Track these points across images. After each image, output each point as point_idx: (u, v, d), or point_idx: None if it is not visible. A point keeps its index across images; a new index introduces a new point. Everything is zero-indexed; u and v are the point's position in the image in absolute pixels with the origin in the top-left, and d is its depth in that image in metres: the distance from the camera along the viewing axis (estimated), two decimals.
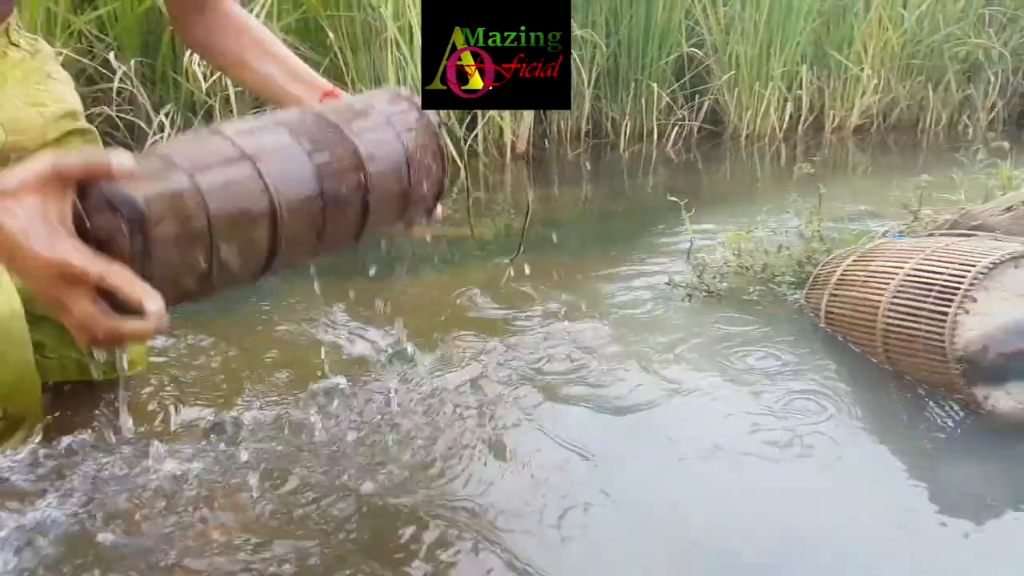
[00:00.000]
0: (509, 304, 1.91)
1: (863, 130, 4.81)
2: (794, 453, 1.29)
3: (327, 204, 0.74)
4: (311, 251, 0.78)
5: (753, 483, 1.21)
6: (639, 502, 1.15)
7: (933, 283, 1.41)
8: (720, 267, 2.03)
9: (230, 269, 0.69)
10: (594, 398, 1.44)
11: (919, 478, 1.22)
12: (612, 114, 4.43)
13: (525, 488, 1.16)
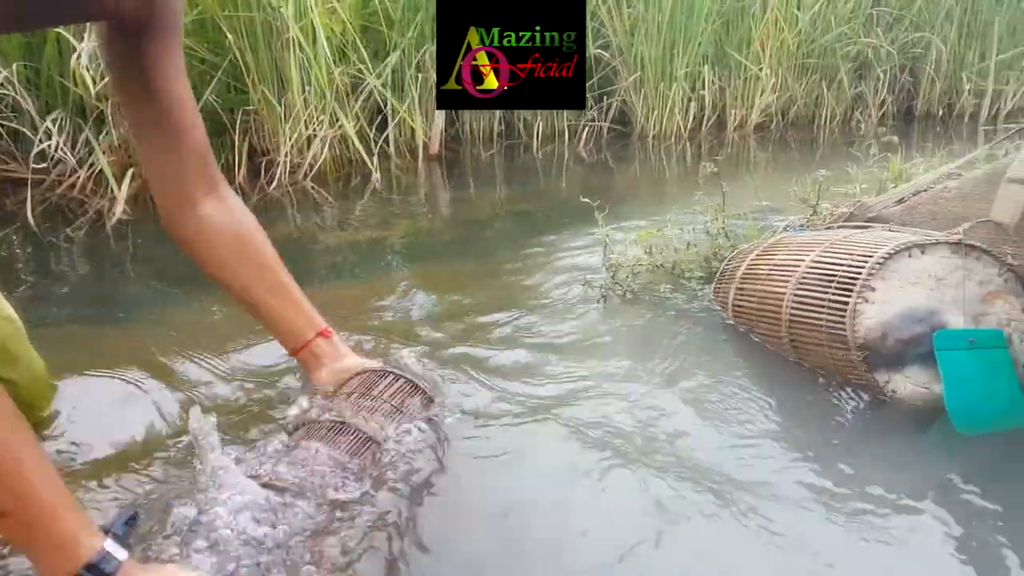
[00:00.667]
0: (424, 308, 1.89)
1: (763, 128, 4.99)
2: (704, 443, 1.32)
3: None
4: None
5: (666, 470, 1.24)
6: (560, 500, 1.16)
7: (833, 274, 1.47)
8: (633, 266, 2.07)
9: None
10: (513, 398, 1.44)
11: (826, 462, 1.27)
12: (524, 115, 4.46)
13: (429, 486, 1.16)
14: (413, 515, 1.09)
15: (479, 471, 1.22)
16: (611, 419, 1.38)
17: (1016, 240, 1.47)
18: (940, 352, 1.37)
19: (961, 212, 1.59)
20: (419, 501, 1.12)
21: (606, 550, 1.05)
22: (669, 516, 1.12)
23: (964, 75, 5.45)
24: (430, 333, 1.74)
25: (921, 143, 4.54)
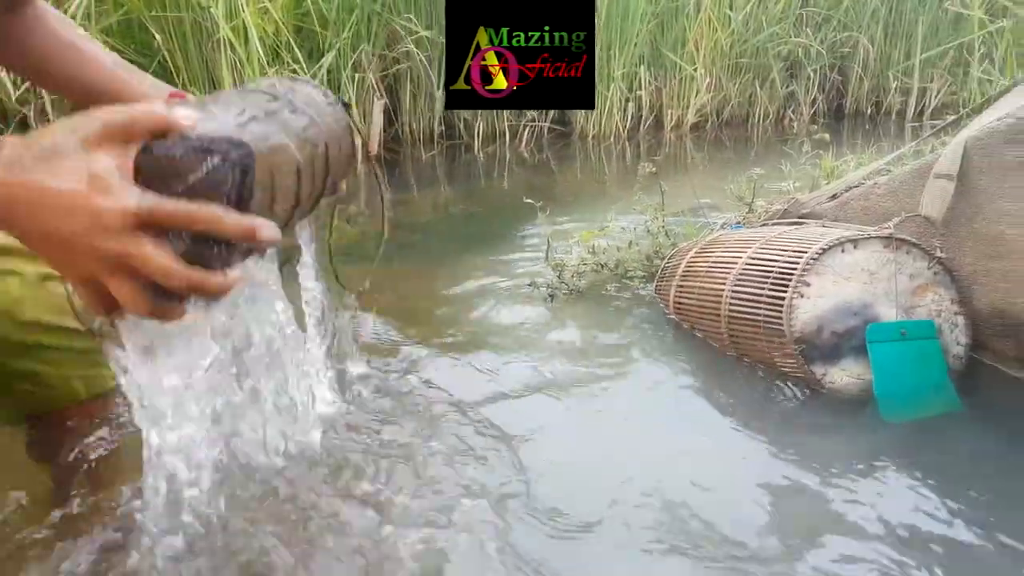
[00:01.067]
0: (368, 311, 1.87)
1: (699, 127, 5.08)
2: (646, 438, 1.34)
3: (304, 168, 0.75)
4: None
5: (614, 460, 1.25)
6: (496, 500, 1.16)
7: (770, 270, 1.50)
8: (577, 265, 2.08)
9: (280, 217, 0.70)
10: (458, 400, 1.44)
11: (767, 454, 1.29)
12: (464, 115, 4.45)
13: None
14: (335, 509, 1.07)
15: (413, 474, 1.21)
16: (555, 416, 1.39)
17: (944, 233, 1.52)
18: (872, 344, 1.41)
19: (891, 207, 1.64)
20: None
21: (553, 548, 1.05)
22: (610, 505, 1.14)
23: (891, 73, 5.63)
24: (371, 337, 1.72)
25: (851, 140, 4.68)
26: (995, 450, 1.30)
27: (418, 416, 1.37)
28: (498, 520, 1.10)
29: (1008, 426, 1.36)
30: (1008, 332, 1.47)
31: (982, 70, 5.07)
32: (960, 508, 1.13)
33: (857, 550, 1.05)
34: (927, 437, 1.34)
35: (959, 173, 1.49)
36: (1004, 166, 1.43)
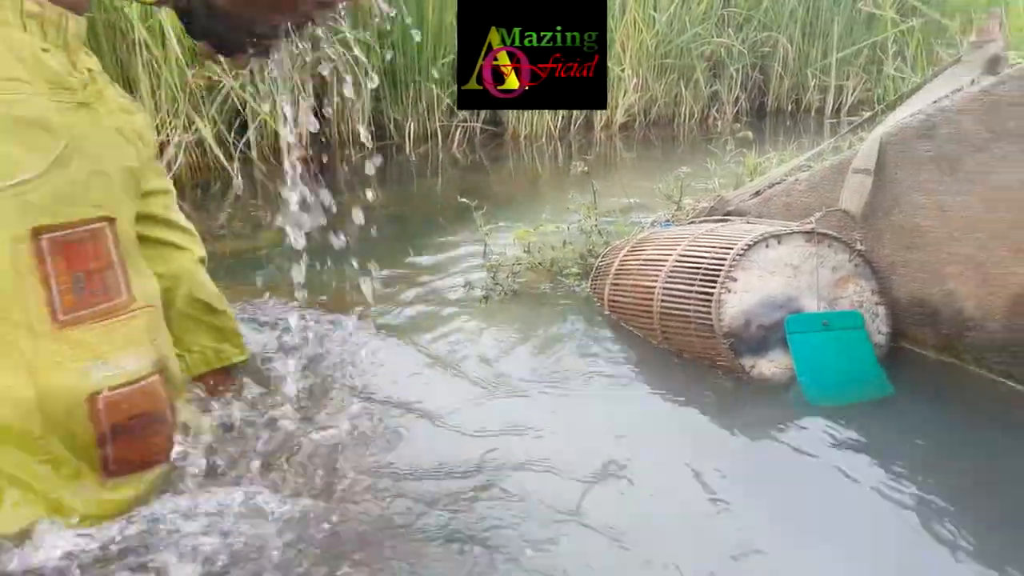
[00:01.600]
0: (300, 316, 1.84)
1: (628, 127, 5.15)
2: (582, 432, 1.36)
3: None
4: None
5: (552, 458, 1.26)
6: (433, 500, 1.15)
7: (699, 267, 1.54)
8: (513, 265, 2.09)
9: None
10: (393, 400, 1.43)
11: (698, 444, 1.32)
12: (395, 116, 4.42)
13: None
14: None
15: (349, 478, 1.20)
16: (488, 414, 1.40)
17: (863, 227, 1.58)
18: (792, 335, 1.46)
19: (812, 202, 1.70)
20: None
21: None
22: (543, 498, 1.15)
23: (809, 72, 5.81)
24: (304, 342, 1.69)
25: (773, 138, 4.81)
26: (922, 430, 1.35)
27: (343, 417, 1.36)
28: (419, 512, 1.10)
29: (934, 406, 1.42)
30: (926, 320, 1.53)
31: (895, 68, 5.28)
32: (885, 487, 1.18)
33: (783, 533, 1.09)
34: (853, 423, 1.39)
35: (876, 168, 1.55)
36: (917, 160, 1.49)
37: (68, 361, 0.96)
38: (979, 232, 1.41)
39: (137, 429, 1.02)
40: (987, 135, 1.37)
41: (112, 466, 1.02)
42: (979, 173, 1.39)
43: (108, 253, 1.03)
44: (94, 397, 0.98)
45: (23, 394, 0.94)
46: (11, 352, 0.94)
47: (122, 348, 1.01)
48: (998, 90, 1.35)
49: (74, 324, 0.97)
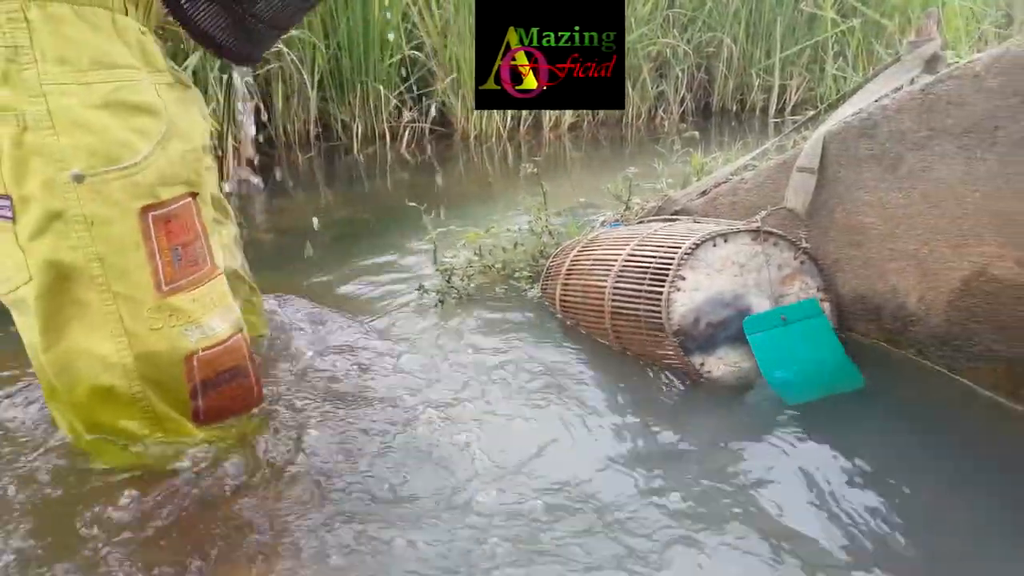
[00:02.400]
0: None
1: (576, 127, 5.17)
2: (536, 433, 1.35)
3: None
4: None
5: (505, 458, 1.26)
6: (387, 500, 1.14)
7: (647, 267, 1.54)
8: (466, 268, 2.07)
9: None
10: (345, 405, 1.40)
11: (650, 444, 1.32)
12: (341, 116, 4.36)
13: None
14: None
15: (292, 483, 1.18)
16: (444, 416, 1.39)
17: (808, 224, 1.60)
18: (751, 336, 1.47)
19: (757, 201, 1.72)
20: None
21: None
22: (498, 491, 1.15)
23: (753, 72, 5.91)
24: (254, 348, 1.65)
25: (719, 137, 4.88)
26: (883, 426, 1.37)
27: (302, 420, 1.34)
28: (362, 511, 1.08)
29: (896, 399, 1.44)
30: (870, 316, 1.56)
31: (836, 67, 5.40)
32: (825, 490, 1.19)
33: (738, 532, 1.09)
34: (802, 421, 1.40)
35: (820, 166, 1.57)
36: (859, 158, 1.52)
37: (167, 327, 1.08)
38: (920, 228, 1.43)
39: (223, 383, 1.17)
40: (926, 133, 1.40)
41: (203, 416, 1.16)
42: (919, 170, 1.42)
43: (195, 225, 1.13)
44: (190, 357, 1.11)
45: (123, 360, 1.07)
46: (110, 321, 1.06)
47: (211, 311, 1.13)
48: (936, 89, 1.37)
49: (174, 293, 1.09)
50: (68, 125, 0.99)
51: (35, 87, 0.98)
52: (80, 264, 1.03)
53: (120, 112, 1.03)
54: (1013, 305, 1.30)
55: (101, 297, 1.05)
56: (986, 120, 1.30)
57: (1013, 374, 1.33)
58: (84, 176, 1.00)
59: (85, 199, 1.01)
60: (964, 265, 1.37)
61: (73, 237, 1.02)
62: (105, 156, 1.01)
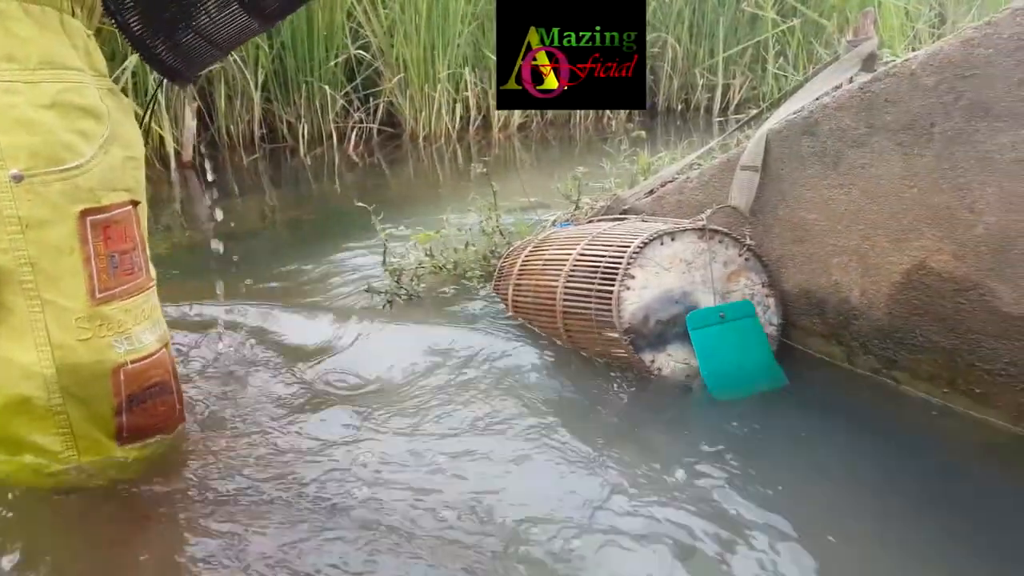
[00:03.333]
0: (195, 328, 1.75)
1: (525, 127, 5.18)
2: (489, 434, 1.35)
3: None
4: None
5: (456, 463, 1.25)
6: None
7: (597, 266, 1.55)
8: (416, 269, 2.05)
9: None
10: (285, 418, 1.38)
11: (604, 444, 1.33)
12: (287, 117, 4.29)
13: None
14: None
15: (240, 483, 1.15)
16: (396, 416, 1.37)
17: (752, 222, 1.62)
18: (693, 331, 1.49)
19: (703, 199, 1.74)
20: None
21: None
22: (447, 494, 1.14)
23: (697, 71, 6.00)
24: (200, 351, 1.61)
25: (665, 136, 4.94)
26: (806, 425, 1.40)
27: (231, 435, 1.31)
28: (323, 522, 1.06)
29: (820, 401, 1.47)
30: (814, 310, 1.59)
31: (777, 66, 5.51)
32: (773, 484, 1.21)
33: (682, 530, 1.10)
34: (747, 417, 1.42)
35: (763, 164, 1.60)
36: (801, 156, 1.55)
37: (96, 337, 1.04)
38: (861, 224, 1.47)
39: (148, 398, 1.12)
40: (865, 130, 1.43)
41: (126, 433, 1.11)
42: (859, 167, 1.45)
43: (134, 234, 1.10)
44: (117, 370, 1.07)
45: (44, 370, 1.02)
46: (36, 329, 1.01)
47: (141, 323, 1.10)
48: (875, 87, 1.41)
49: (106, 301, 1.05)
50: (11, 124, 0.96)
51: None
52: (10, 267, 0.99)
53: (66, 113, 1.00)
54: (951, 297, 1.34)
55: (29, 303, 1.00)
56: (922, 117, 1.34)
57: (952, 365, 1.37)
58: (23, 177, 0.97)
59: (21, 200, 0.97)
60: (904, 259, 1.41)
61: (5, 239, 0.98)
62: (47, 157, 0.98)
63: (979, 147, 1.27)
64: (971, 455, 1.29)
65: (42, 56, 0.99)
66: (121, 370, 1.07)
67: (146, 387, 1.11)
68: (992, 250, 1.27)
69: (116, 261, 1.06)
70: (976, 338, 1.32)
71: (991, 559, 1.06)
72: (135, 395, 1.10)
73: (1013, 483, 1.22)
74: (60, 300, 1.02)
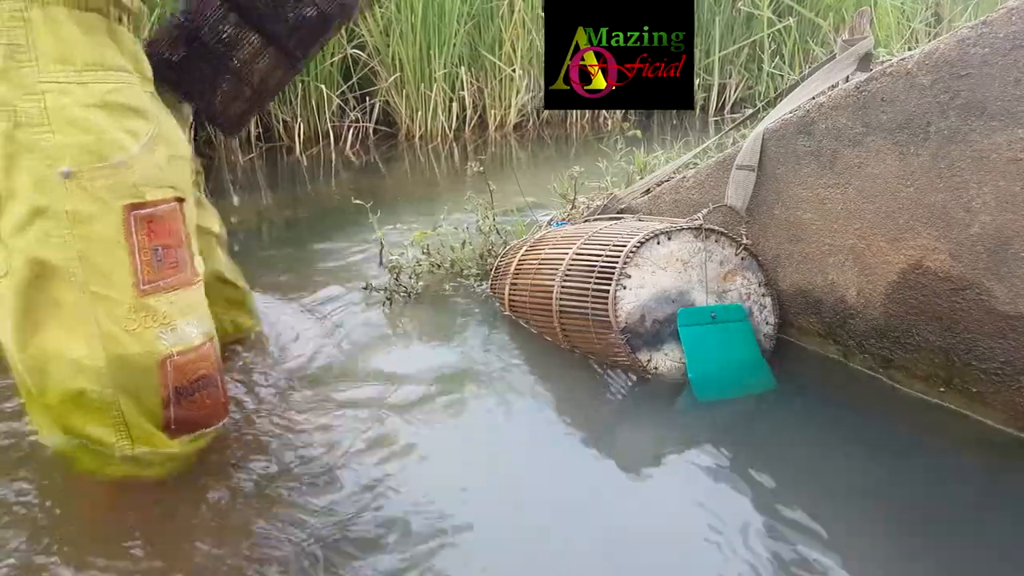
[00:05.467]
0: None
1: (521, 127, 5.17)
2: (485, 433, 1.36)
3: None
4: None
5: (450, 461, 1.25)
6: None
7: (594, 265, 1.55)
8: (414, 267, 2.05)
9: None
10: (308, 414, 1.38)
11: (599, 442, 1.33)
12: (283, 116, 4.28)
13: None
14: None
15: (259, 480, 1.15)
16: (397, 413, 1.37)
17: (748, 221, 1.62)
18: (683, 328, 1.49)
19: (699, 199, 1.74)
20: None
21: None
22: (454, 490, 1.14)
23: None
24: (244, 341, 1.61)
25: (660, 136, 4.93)
26: (802, 424, 1.40)
27: (266, 431, 1.31)
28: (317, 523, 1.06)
29: (814, 403, 1.48)
30: (810, 309, 1.59)
31: (773, 66, 5.51)
32: (766, 483, 1.21)
33: (677, 529, 1.10)
34: (742, 416, 1.43)
35: (759, 164, 1.60)
36: (797, 155, 1.55)
37: (142, 329, 1.09)
38: (857, 223, 1.47)
39: (195, 391, 1.17)
40: (861, 129, 1.43)
41: (174, 426, 1.16)
42: (855, 166, 1.45)
43: (179, 230, 1.15)
44: (164, 362, 1.11)
45: (96, 363, 1.07)
46: (87, 322, 1.06)
47: (186, 316, 1.14)
48: (871, 86, 1.41)
49: (151, 293, 1.10)
50: (63, 123, 1.01)
51: (32, 85, 1.00)
52: (60, 262, 1.04)
53: (114, 112, 1.05)
54: (947, 296, 1.34)
55: (78, 297, 1.05)
56: (918, 116, 1.34)
57: (948, 364, 1.37)
58: (73, 173, 1.02)
59: (72, 195, 1.02)
60: (900, 259, 1.41)
61: (55, 234, 1.03)
62: (96, 154, 1.03)
63: (975, 146, 1.27)
64: (967, 454, 1.29)
65: (91, 58, 1.04)
66: (168, 362, 1.12)
67: (193, 380, 1.16)
68: (988, 249, 1.27)
69: (160, 255, 1.11)
70: (972, 337, 1.32)
71: (987, 558, 1.06)
72: (182, 388, 1.15)
73: (1009, 482, 1.22)
74: (107, 292, 1.06)
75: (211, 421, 1.23)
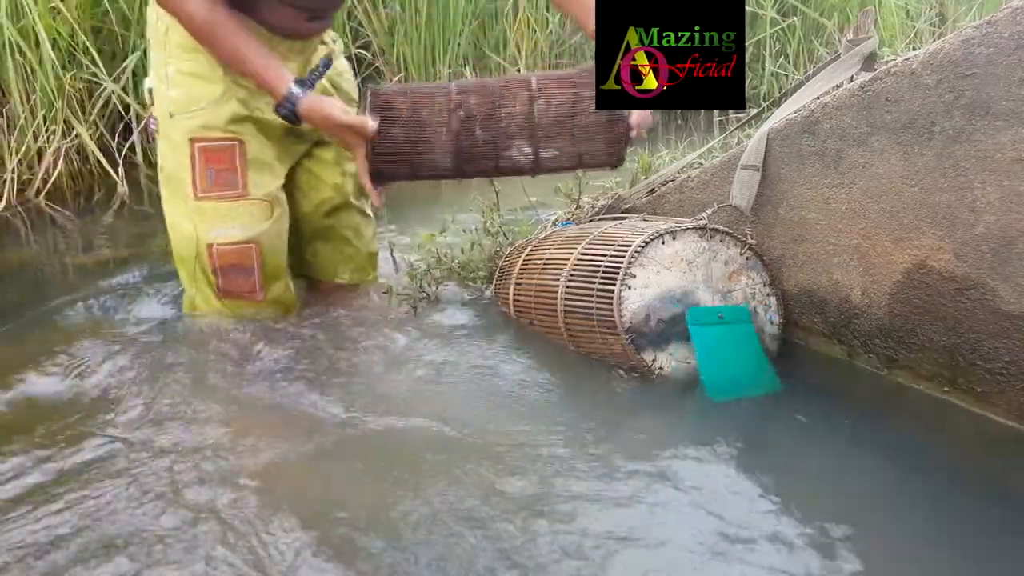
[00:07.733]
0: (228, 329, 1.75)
1: None
2: (491, 432, 1.36)
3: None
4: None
5: (456, 461, 1.26)
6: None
7: (598, 265, 1.55)
8: (432, 271, 2.04)
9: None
10: (327, 408, 1.39)
11: (604, 443, 1.33)
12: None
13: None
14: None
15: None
16: (409, 416, 1.39)
17: (753, 221, 1.62)
18: (693, 327, 1.49)
19: (704, 198, 1.74)
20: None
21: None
22: (461, 494, 1.15)
23: None
24: (220, 354, 1.62)
25: (665, 135, 4.92)
26: (807, 424, 1.40)
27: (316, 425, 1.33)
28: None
29: (820, 403, 1.47)
30: (815, 309, 1.59)
31: (777, 65, 5.50)
32: (774, 484, 1.21)
33: (684, 531, 1.10)
34: (747, 416, 1.43)
35: (763, 163, 1.60)
36: (802, 155, 1.55)
37: (199, 221, 1.60)
38: (861, 223, 1.47)
39: (231, 273, 1.64)
40: (865, 129, 1.43)
41: (220, 291, 1.66)
42: (859, 166, 1.45)
43: (235, 161, 1.59)
44: (211, 246, 1.61)
45: (191, 236, 1.61)
46: (181, 206, 1.61)
47: (231, 221, 1.60)
48: (875, 86, 1.41)
49: (203, 199, 1.59)
50: (172, 83, 1.57)
51: (166, 57, 1.56)
52: (166, 168, 1.62)
53: (195, 79, 1.55)
54: (952, 296, 1.34)
55: (172, 192, 1.63)
56: (923, 116, 1.34)
57: (952, 364, 1.37)
58: (172, 114, 1.57)
59: (170, 128, 1.58)
60: (905, 258, 1.41)
61: (164, 151, 1.62)
62: (183, 104, 1.56)
63: (979, 146, 1.27)
64: (972, 454, 1.29)
65: (189, 44, 1.50)
66: (213, 247, 1.60)
67: (229, 264, 1.62)
68: (992, 249, 1.27)
69: (213, 175, 1.58)
70: (977, 337, 1.32)
71: (992, 558, 1.06)
72: (222, 268, 1.63)
73: (1014, 482, 1.22)
74: (182, 192, 1.60)
75: (246, 297, 1.68)
